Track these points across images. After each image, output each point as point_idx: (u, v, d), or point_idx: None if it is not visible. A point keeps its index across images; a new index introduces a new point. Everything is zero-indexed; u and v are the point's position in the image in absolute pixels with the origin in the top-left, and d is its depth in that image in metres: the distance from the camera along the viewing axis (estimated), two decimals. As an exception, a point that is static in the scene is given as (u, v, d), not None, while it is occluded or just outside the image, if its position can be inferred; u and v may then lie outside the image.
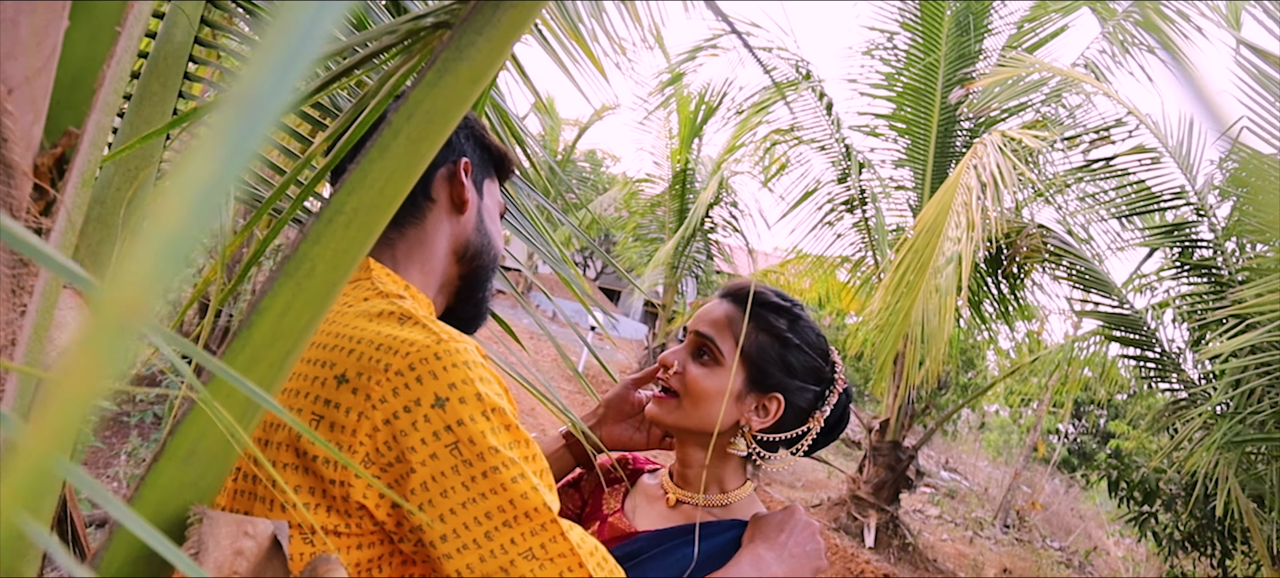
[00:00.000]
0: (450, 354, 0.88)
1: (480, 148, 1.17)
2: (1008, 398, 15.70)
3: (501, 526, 0.86)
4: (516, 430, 0.90)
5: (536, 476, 0.91)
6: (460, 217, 1.11)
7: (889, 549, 8.83)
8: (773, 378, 1.27)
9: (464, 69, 0.74)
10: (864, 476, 9.43)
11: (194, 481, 0.72)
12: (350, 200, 0.73)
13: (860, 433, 10.56)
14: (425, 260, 1.08)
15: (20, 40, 0.68)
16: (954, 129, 8.80)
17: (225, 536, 0.68)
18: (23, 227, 0.72)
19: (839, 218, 9.74)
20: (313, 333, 0.76)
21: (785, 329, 1.28)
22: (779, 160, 9.92)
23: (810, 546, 1.24)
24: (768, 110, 9.84)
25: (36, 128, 0.71)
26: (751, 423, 1.27)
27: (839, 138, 9.47)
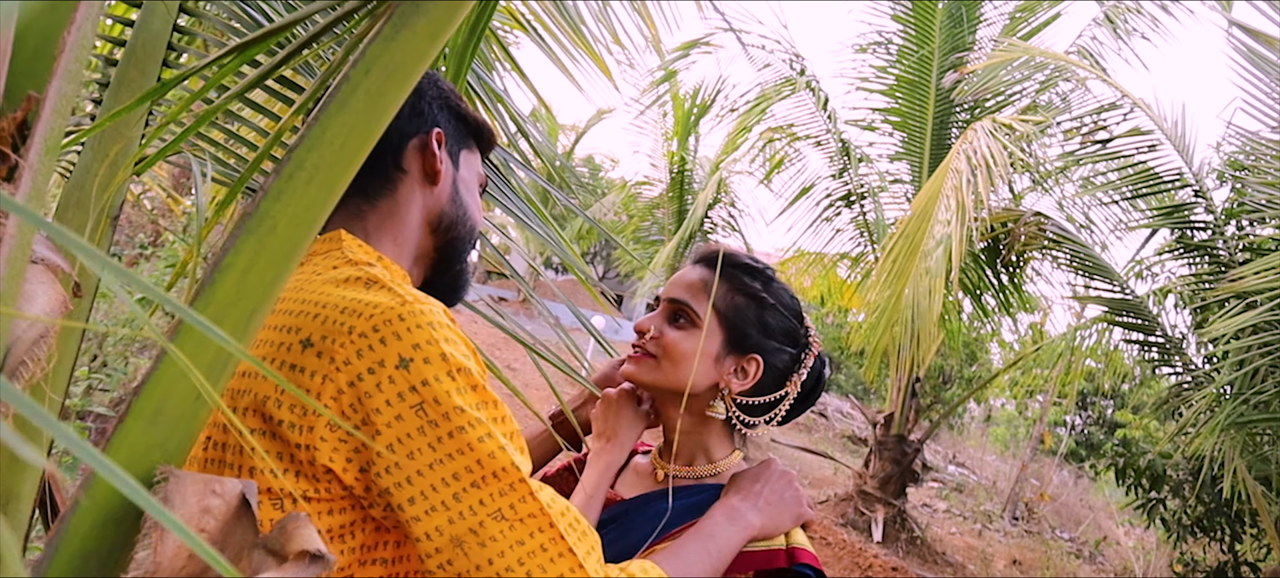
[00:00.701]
0: (414, 315, 0.87)
1: (456, 118, 1.15)
2: (1013, 391, 15.68)
3: (469, 487, 0.85)
4: (484, 391, 0.90)
5: (506, 437, 0.89)
6: (433, 188, 1.10)
7: (897, 544, 8.81)
8: (751, 339, 1.28)
9: (421, 24, 0.74)
10: (870, 471, 9.41)
11: (161, 441, 0.73)
12: (310, 157, 0.73)
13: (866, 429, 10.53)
14: (397, 232, 1.07)
15: (-24, 4, 0.68)
16: (950, 121, 8.80)
17: (191, 494, 0.68)
18: (-15, 192, 0.73)
19: (836, 214, 9.75)
20: (278, 292, 0.76)
21: (761, 290, 1.29)
22: (775, 157, 9.93)
23: (788, 493, 1.24)
24: (764, 108, 9.84)
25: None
26: (731, 385, 1.28)
27: (835, 133, 9.48)
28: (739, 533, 1.17)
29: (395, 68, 0.74)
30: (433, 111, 1.12)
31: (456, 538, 0.85)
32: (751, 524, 1.18)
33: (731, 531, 1.16)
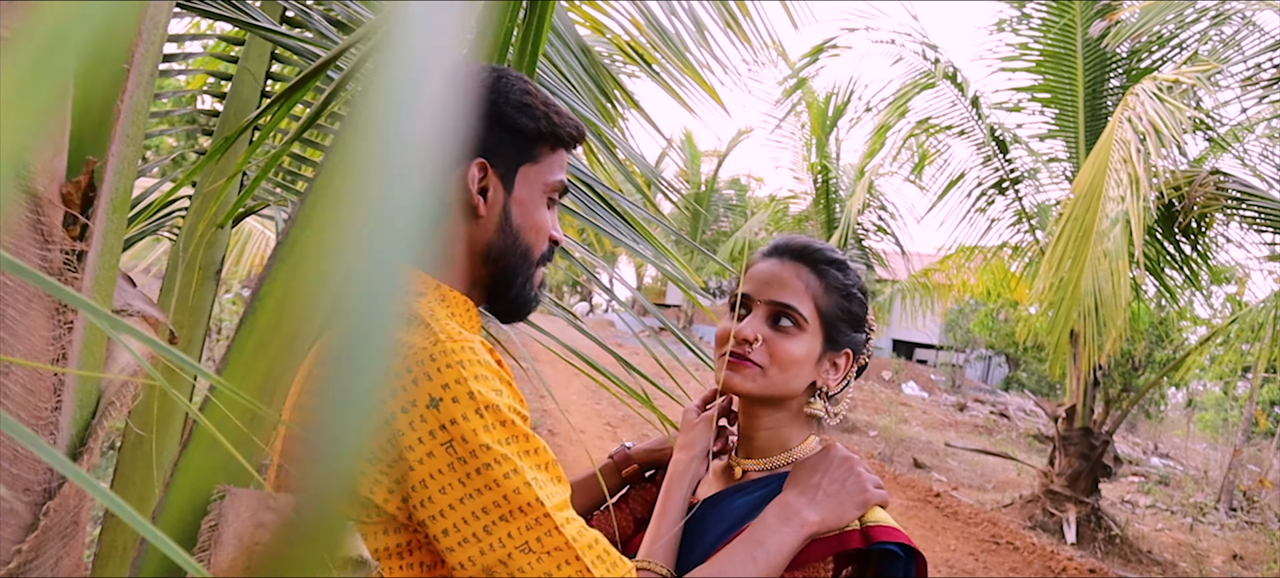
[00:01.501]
0: (445, 355, 0.90)
1: (509, 133, 1.08)
2: (1215, 370, 14.37)
3: (497, 520, 0.88)
4: (513, 426, 0.91)
5: (536, 469, 0.92)
6: (477, 221, 1.08)
7: (1094, 544, 8.21)
8: (844, 335, 1.24)
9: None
10: (1056, 468, 8.83)
11: (223, 464, 0.77)
12: (333, 183, 0.77)
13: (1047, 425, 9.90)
14: (446, 265, 1.08)
15: (33, 83, 0.76)
16: (1102, 90, 8.24)
17: (246, 509, 0.72)
18: (58, 250, 0.80)
19: (990, 203, 9.29)
20: (318, 316, 0.80)
21: (846, 281, 1.24)
22: (920, 152, 9.60)
23: (850, 481, 1.17)
24: (906, 104, 9.54)
25: (58, 161, 0.78)
26: (828, 383, 1.24)
27: (980, 119, 9.05)
28: (793, 533, 1.11)
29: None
30: (477, 136, 1.08)
31: (487, 569, 0.88)
32: (807, 521, 1.12)
33: (784, 532, 1.10)
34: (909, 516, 8.74)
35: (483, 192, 1.07)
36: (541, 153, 1.11)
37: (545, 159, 1.12)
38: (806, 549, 1.13)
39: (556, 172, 1.13)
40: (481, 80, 1.09)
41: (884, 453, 11.79)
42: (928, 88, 9.25)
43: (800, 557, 1.12)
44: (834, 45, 9.46)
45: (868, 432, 13.62)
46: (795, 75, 10.39)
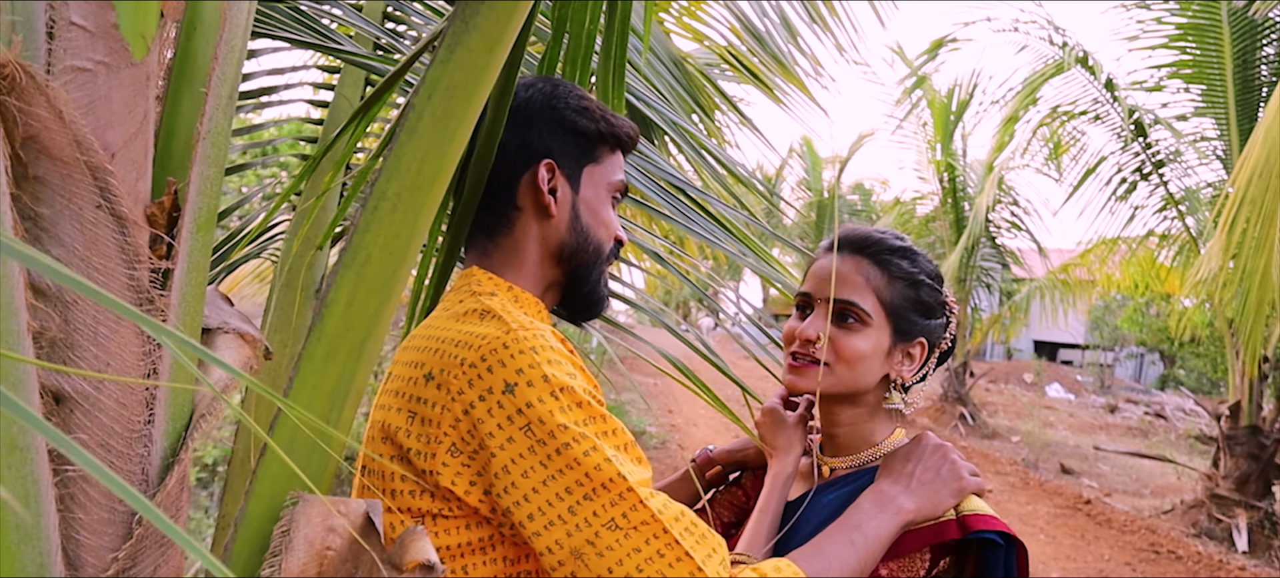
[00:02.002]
0: (518, 342, 0.91)
1: (574, 135, 1.11)
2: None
3: (582, 499, 0.88)
4: (589, 406, 0.92)
5: (616, 449, 0.92)
6: (549, 221, 1.10)
7: (1269, 551, 7.55)
8: (916, 325, 1.20)
9: (475, 40, 0.76)
10: (1221, 471, 8.19)
11: (300, 470, 0.78)
12: (391, 186, 0.77)
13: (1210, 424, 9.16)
14: (520, 266, 1.10)
15: (114, 111, 0.79)
16: (1254, 60, 7.63)
17: (317, 515, 0.73)
18: (145, 270, 0.83)
19: (1131, 190, 8.74)
20: (386, 319, 0.81)
21: (911, 269, 1.20)
22: (1053, 142, 9.13)
23: (944, 469, 1.13)
24: (1035, 93, 9.12)
25: (142, 184, 0.82)
26: (903, 375, 1.21)
27: (1115, 102, 8.54)
28: (889, 520, 1.07)
29: (457, 87, 0.77)
30: (542, 139, 1.10)
31: (576, 550, 0.87)
32: (903, 509, 1.08)
33: (880, 519, 1.07)
34: (1057, 524, 8.28)
35: (552, 192, 1.09)
36: (603, 153, 1.14)
37: (606, 159, 1.14)
38: (903, 539, 1.10)
39: (617, 171, 1.16)
40: (539, 89, 1.12)
41: (1027, 459, 11.23)
42: (1057, 73, 8.81)
43: (896, 547, 1.09)
44: (953, 39, 9.14)
45: (1010, 437, 13.01)
46: (914, 73, 10.10)
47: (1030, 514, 8.54)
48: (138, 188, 0.82)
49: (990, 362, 24.47)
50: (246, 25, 0.91)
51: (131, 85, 0.81)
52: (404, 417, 0.94)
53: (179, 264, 0.85)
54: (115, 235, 0.80)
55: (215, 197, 0.89)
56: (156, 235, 0.84)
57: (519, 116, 1.10)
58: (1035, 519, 8.39)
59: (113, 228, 0.80)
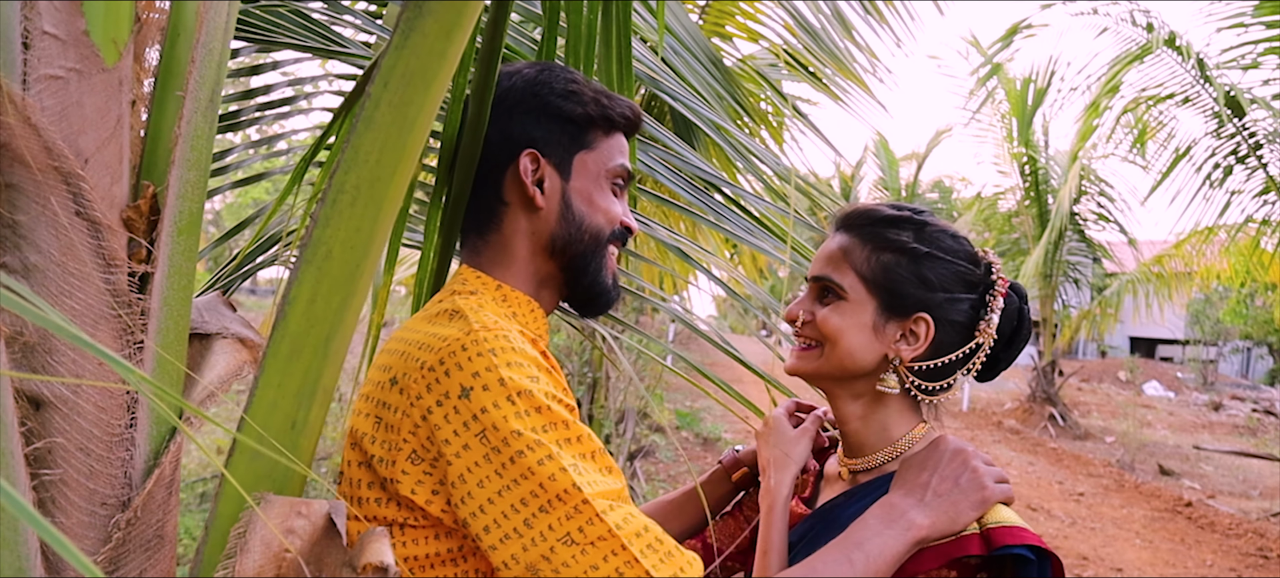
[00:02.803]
0: (477, 344, 0.88)
1: (558, 121, 1.06)
2: None
3: (538, 511, 0.83)
4: (550, 412, 0.87)
5: (578, 457, 0.87)
6: (537, 213, 1.05)
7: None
8: (911, 297, 1.09)
9: (429, 25, 0.74)
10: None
11: (268, 471, 0.77)
12: (350, 179, 0.76)
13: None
14: (510, 264, 1.06)
15: (87, 117, 0.80)
16: (1359, 27, 7.17)
17: (276, 515, 0.71)
18: (122, 274, 0.84)
19: (1227, 174, 8.30)
20: (351, 315, 0.79)
21: (912, 240, 1.10)
22: (1139, 128, 8.74)
23: (964, 478, 1.02)
24: (1119, 78, 8.75)
25: (117, 188, 0.82)
26: (901, 354, 1.10)
27: (1206, 82, 8.13)
28: (897, 537, 0.97)
29: (413, 74, 0.75)
30: (524, 128, 1.05)
31: (531, 565, 0.83)
32: (915, 524, 0.98)
33: (887, 536, 0.97)
34: (1154, 528, 7.90)
35: (539, 183, 1.05)
36: (595, 138, 1.09)
37: (600, 144, 1.09)
38: (919, 557, 0.99)
39: (615, 156, 1.09)
40: (523, 75, 1.07)
41: (1123, 460, 10.76)
42: (1143, 57, 8.43)
43: (912, 565, 0.99)
44: (1028, 25, 8.84)
45: (1103, 438, 12.49)
46: (988, 61, 9.79)
47: (1125, 518, 8.17)
48: (112, 192, 0.82)
49: (1082, 360, 23.56)
50: (226, 29, 0.91)
51: (103, 91, 0.81)
52: (371, 423, 0.92)
53: (159, 267, 0.85)
54: (90, 240, 0.80)
55: (198, 200, 0.89)
56: (134, 239, 0.85)
57: (501, 106, 1.06)
58: (1130, 523, 8.01)
59: (87, 232, 0.80)
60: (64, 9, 0.79)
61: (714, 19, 4.51)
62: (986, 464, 1.05)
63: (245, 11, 1.61)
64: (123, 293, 0.83)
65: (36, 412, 0.79)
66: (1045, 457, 10.98)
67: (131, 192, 0.84)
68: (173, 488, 0.88)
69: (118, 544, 0.81)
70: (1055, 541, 7.27)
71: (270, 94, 1.52)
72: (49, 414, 0.79)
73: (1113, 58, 8.70)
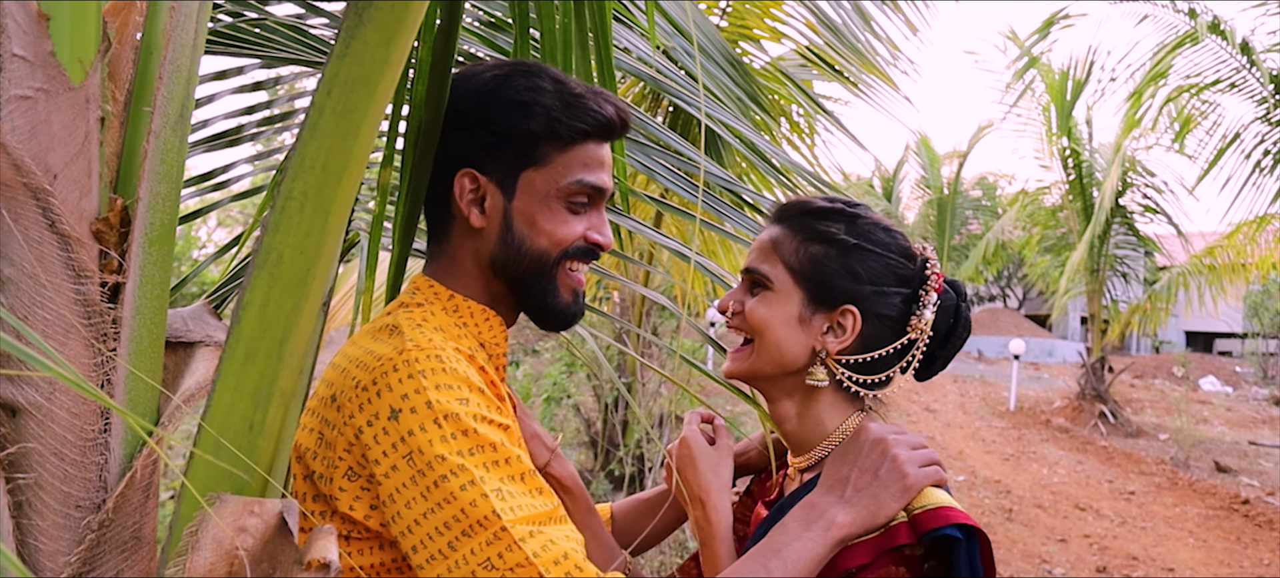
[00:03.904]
0: (409, 364, 0.89)
1: (500, 138, 1.01)
2: None
3: (461, 535, 0.84)
4: (476, 435, 0.88)
5: (505, 479, 0.87)
6: (479, 232, 1.03)
7: None
8: (838, 289, 1.09)
9: (370, 32, 0.76)
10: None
11: (227, 472, 0.79)
12: (296, 185, 0.78)
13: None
14: (459, 276, 1.05)
15: (55, 134, 0.83)
16: None
17: (229, 514, 0.74)
18: (93, 285, 0.87)
19: (1278, 161, 8.07)
20: (304, 320, 0.81)
21: (841, 232, 1.09)
22: (1182, 118, 8.54)
23: (884, 468, 1.00)
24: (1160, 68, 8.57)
25: (86, 202, 0.85)
26: (828, 346, 1.09)
27: (1254, 67, 7.92)
28: (818, 539, 0.96)
29: (356, 80, 0.77)
30: (464, 144, 1.02)
31: None
32: (836, 523, 0.97)
33: (806, 539, 0.96)
34: (1209, 527, 7.68)
35: (481, 201, 1.03)
36: (546, 154, 1.02)
37: (554, 160, 1.02)
38: (848, 552, 0.98)
39: (573, 172, 1.03)
40: (482, 80, 1.04)
41: (1177, 457, 10.48)
42: (1187, 43, 8.24)
43: (842, 559, 0.98)
44: (1065, 16, 8.70)
45: (1156, 435, 12.19)
46: (1025, 54, 9.64)
47: (1178, 516, 7.96)
48: (81, 206, 0.85)
49: (1134, 356, 23.01)
50: (194, 47, 0.94)
51: (71, 108, 0.84)
52: (315, 439, 0.94)
53: (130, 277, 0.88)
54: (60, 253, 0.83)
55: (170, 211, 0.92)
56: (105, 251, 0.88)
57: (451, 115, 1.04)
58: (1184, 522, 7.81)
59: (57, 245, 0.83)
60: (31, 31, 0.82)
61: (737, 21, 4.50)
62: (914, 448, 1.03)
63: (248, 28, 1.66)
64: (93, 303, 0.86)
65: (12, 418, 0.83)
66: (1095, 455, 10.75)
67: (102, 204, 0.88)
68: (150, 491, 0.91)
69: (91, 545, 0.83)
70: (1104, 540, 7.12)
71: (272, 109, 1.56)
72: (23, 420, 0.82)
73: (1155, 45, 8.53)
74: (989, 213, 25.08)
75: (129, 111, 0.93)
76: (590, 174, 1.04)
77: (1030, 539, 7.11)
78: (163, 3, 0.92)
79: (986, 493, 8.58)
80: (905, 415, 13.24)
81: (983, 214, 25.35)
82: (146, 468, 0.88)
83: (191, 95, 0.96)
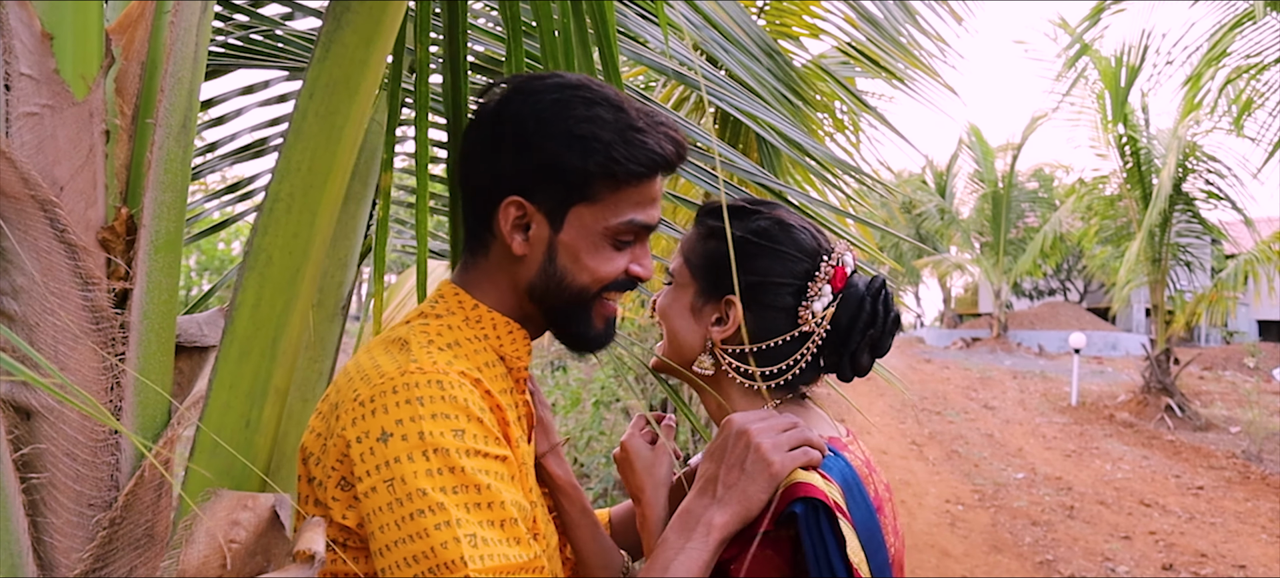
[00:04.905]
0: (408, 388, 0.88)
1: (554, 171, 0.98)
2: None
3: (427, 572, 0.83)
4: (463, 474, 0.86)
5: (482, 524, 0.85)
6: (520, 259, 1.01)
7: None
8: (726, 280, 1.10)
9: (349, 36, 0.78)
10: None
11: (226, 468, 0.82)
12: (283, 187, 0.80)
13: None
14: (487, 290, 1.05)
15: (61, 148, 0.87)
16: None
17: (222, 508, 0.76)
18: (101, 291, 0.90)
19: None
20: (297, 318, 0.83)
21: (736, 229, 1.11)
22: (1242, 101, 8.26)
23: (748, 459, 0.98)
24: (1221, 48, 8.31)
25: (92, 212, 0.88)
26: (712, 335, 1.13)
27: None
28: (700, 546, 0.95)
29: (336, 84, 0.79)
30: (514, 170, 0.99)
31: None
32: (714, 525, 0.96)
33: (689, 549, 0.96)
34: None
35: (525, 229, 1.01)
36: (599, 192, 0.99)
37: (606, 198, 0.99)
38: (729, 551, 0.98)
39: (624, 212, 1.00)
40: (535, 103, 0.99)
41: (1248, 451, 10.12)
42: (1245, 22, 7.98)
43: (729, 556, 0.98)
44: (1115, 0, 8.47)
45: (1227, 428, 11.79)
46: (1077, 41, 9.42)
47: (1249, 512, 7.68)
48: (87, 216, 0.88)
49: (1201, 348, 22.29)
50: (195, 61, 0.97)
51: (75, 123, 0.88)
52: (318, 444, 0.94)
53: (137, 283, 0.91)
54: (68, 261, 0.87)
55: (175, 220, 0.95)
56: (112, 259, 0.91)
57: (502, 130, 1.00)
58: (1256, 518, 7.53)
59: (65, 254, 0.87)
60: (36, 50, 0.86)
61: (775, 20, 4.48)
62: (783, 431, 1.01)
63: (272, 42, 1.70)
64: (102, 309, 0.89)
65: (26, 421, 0.86)
66: (1161, 450, 10.43)
67: (108, 214, 0.91)
68: (162, 490, 0.94)
69: (103, 543, 0.86)
70: (1170, 537, 6.91)
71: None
72: (37, 422, 0.86)
73: (1213, 26, 8.27)
74: (1046, 205, 24.56)
75: (135, 124, 0.97)
76: (641, 213, 1.02)
77: (1092, 537, 6.93)
78: (164, 19, 0.95)
79: (1046, 490, 8.38)
80: (963, 413, 13.01)
81: (1040, 206, 24.83)
82: (152, 467, 0.91)
83: (195, 107, 0.99)
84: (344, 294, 1.38)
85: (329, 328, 1.32)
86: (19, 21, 0.86)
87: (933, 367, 20.44)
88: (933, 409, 13.49)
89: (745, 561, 0.95)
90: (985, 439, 10.96)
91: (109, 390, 0.89)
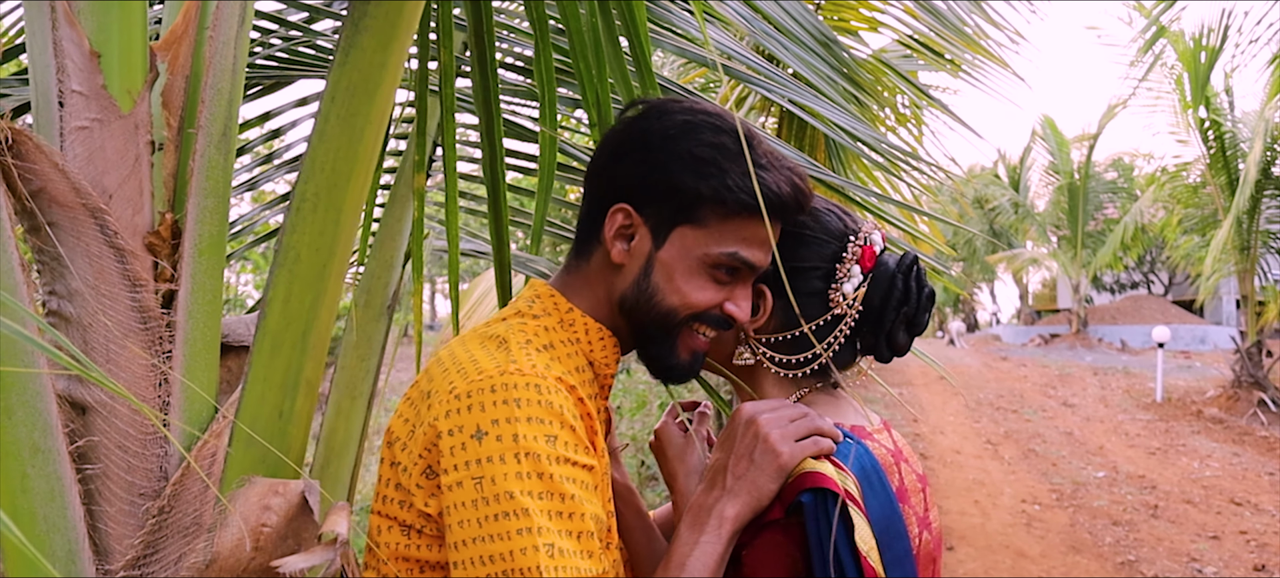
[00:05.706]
0: (507, 388, 0.88)
1: (669, 187, 0.99)
2: None
3: (500, 574, 0.82)
4: (552, 481, 0.85)
5: (563, 533, 0.85)
6: (618, 268, 1.02)
7: None
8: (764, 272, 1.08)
9: (366, 40, 0.81)
10: None
11: (261, 457, 0.86)
12: (308, 188, 0.84)
13: None
14: (584, 296, 1.05)
15: (109, 158, 0.92)
16: None
17: (255, 494, 0.80)
18: (148, 293, 0.95)
19: None
20: (327, 312, 0.87)
21: None
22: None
23: (757, 450, 0.97)
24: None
25: (139, 217, 0.94)
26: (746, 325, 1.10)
27: None
28: (713, 540, 0.95)
29: (355, 87, 0.82)
30: (629, 176, 1.01)
31: None
32: (726, 518, 0.96)
33: (703, 544, 0.95)
34: (1385, 520, 7.01)
35: (628, 238, 1.02)
36: (706, 217, 0.99)
37: (712, 225, 0.99)
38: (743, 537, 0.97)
39: (728, 243, 1.00)
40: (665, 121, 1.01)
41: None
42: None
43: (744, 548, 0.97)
44: (1192, -21, 8.15)
45: (1324, 423, 11.22)
46: (1152, 24, 9.09)
47: (1348, 512, 7.31)
48: (134, 221, 0.94)
49: (1300, 339, 21.24)
50: (233, 72, 1.02)
51: (122, 134, 0.93)
52: (407, 429, 0.94)
53: (182, 285, 0.96)
54: (117, 264, 0.92)
55: (218, 223, 1.00)
56: (159, 261, 0.96)
57: (633, 139, 1.02)
58: (1352, 516, 7.16)
59: (114, 258, 0.92)
60: (85, 67, 0.92)
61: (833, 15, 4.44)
62: (792, 420, 1.00)
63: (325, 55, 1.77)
64: (149, 309, 0.94)
65: (82, 415, 0.92)
66: (1253, 447, 9.99)
67: (154, 219, 0.96)
68: (210, 479, 0.99)
69: (152, 530, 0.91)
70: (1263, 537, 6.61)
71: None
72: (91, 417, 0.91)
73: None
74: (1126, 195, 23.74)
75: (180, 134, 1.02)
76: (746, 249, 1.01)
77: (1178, 537, 6.67)
78: (204, 34, 1.00)
79: (1129, 489, 8.10)
80: (1041, 411, 12.67)
81: (1120, 197, 24.02)
82: (205, 460, 0.96)
83: (234, 116, 1.04)
84: (389, 294, 1.42)
85: (375, 327, 1.37)
86: (70, 42, 0.92)
87: (1009, 365, 19.94)
88: (1009, 407, 13.15)
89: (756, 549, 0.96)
90: (1064, 438, 10.64)
91: (157, 386, 0.95)
